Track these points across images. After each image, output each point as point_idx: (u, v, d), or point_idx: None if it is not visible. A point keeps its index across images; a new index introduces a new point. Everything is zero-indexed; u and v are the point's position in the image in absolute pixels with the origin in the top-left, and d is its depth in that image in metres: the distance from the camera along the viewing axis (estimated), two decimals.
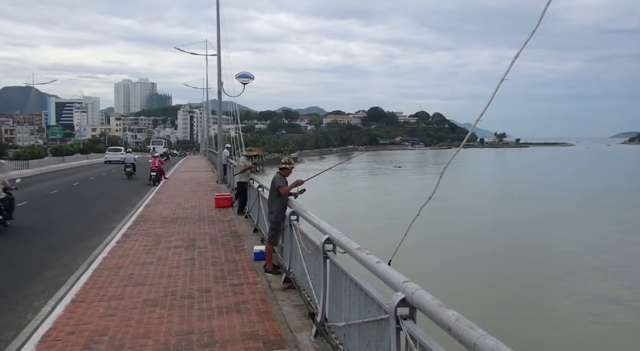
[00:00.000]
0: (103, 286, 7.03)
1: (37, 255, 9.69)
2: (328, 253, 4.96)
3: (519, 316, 14.21)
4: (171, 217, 13.58)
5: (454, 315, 2.50)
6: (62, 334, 5.31)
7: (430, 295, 2.81)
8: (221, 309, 6.05)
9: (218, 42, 24.21)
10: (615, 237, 25.17)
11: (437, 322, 2.59)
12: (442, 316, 2.55)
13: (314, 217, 5.98)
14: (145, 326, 5.51)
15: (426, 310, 2.74)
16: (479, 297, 15.03)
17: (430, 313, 2.68)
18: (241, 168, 13.46)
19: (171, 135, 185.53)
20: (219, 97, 24.94)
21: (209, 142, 59.54)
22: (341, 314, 4.54)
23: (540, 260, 20.55)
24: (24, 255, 9.75)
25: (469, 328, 2.33)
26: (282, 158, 7.72)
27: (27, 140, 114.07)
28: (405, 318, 3.02)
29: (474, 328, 2.32)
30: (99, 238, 10.77)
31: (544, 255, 21.35)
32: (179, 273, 7.70)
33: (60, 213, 15.91)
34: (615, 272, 18.99)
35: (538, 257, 20.92)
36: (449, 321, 2.47)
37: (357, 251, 4.11)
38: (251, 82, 23.96)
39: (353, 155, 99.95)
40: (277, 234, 7.54)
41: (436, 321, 2.60)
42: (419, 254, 18.26)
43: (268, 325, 5.52)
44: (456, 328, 2.39)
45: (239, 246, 9.66)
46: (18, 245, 10.74)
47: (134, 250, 9.38)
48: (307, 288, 6.04)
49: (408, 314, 3.03)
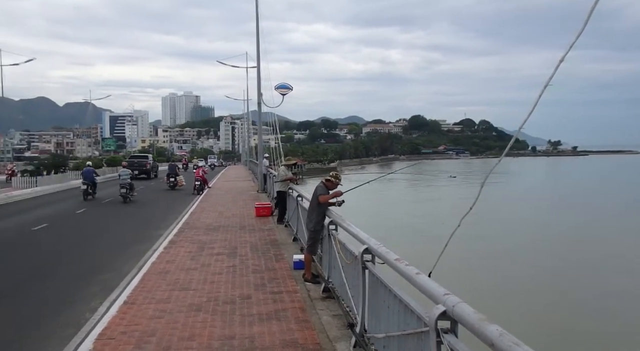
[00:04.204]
0: (152, 290, 7.35)
1: (93, 258, 10.26)
2: (367, 264, 4.96)
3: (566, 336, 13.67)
4: (214, 225, 13.95)
5: (498, 330, 2.43)
6: (115, 333, 5.62)
7: (472, 309, 2.76)
8: (261, 316, 6.19)
9: (257, 54, 24.77)
10: None
11: (480, 337, 2.52)
12: (484, 330, 2.49)
13: (352, 227, 6.01)
14: (190, 329, 5.73)
15: (468, 323, 2.69)
16: (523, 314, 14.57)
17: (472, 327, 2.63)
18: (282, 177, 13.67)
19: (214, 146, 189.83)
20: (258, 108, 25.46)
21: (249, 152, 60.69)
22: (380, 325, 4.52)
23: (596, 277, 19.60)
24: (83, 258, 10.36)
25: (513, 344, 2.27)
26: (332, 172, 7.80)
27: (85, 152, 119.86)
28: (446, 332, 2.98)
29: (518, 344, 2.26)
30: (148, 244, 11.23)
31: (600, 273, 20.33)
32: (221, 280, 7.94)
33: (114, 219, 16.78)
34: None
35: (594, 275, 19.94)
36: (492, 336, 2.40)
37: (396, 262, 4.10)
38: (290, 93, 24.38)
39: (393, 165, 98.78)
40: (316, 243, 7.64)
41: (478, 335, 2.54)
42: (461, 267, 17.90)
43: (307, 333, 5.61)
44: (500, 343, 2.33)
45: (278, 254, 9.83)
46: (77, 247, 11.38)
47: (180, 256, 9.73)
48: (346, 298, 6.07)
49: (449, 328, 2.98)
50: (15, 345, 5.63)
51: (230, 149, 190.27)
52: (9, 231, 14.29)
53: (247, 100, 56.21)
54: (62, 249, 11.49)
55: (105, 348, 5.21)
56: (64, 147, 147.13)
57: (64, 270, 9.37)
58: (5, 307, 7.09)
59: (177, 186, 27.98)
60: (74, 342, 5.41)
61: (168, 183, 27.97)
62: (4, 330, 6.11)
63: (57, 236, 13.42)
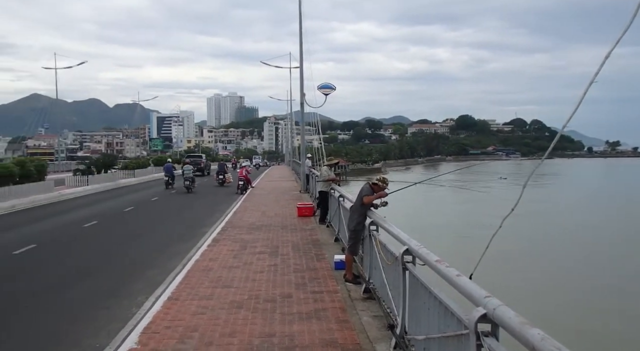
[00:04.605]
0: (195, 287, 7.54)
1: (140, 255, 10.65)
2: (407, 265, 4.92)
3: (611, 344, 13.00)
4: (256, 224, 14.15)
5: (539, 334, 2.39)
6: (160, 328, 5.80)
7: (513, 312, 2.72)
8: (301, 315, 6.22)
9: (300, 54, 24.98)
10: None
11: (521, 341, 2.49)
12: (526, 334, 2.45)
13: (393, 228, 5.96)
14: (231, 326, 5.84)
15: (509, 327, 2.65)
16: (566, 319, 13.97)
17: (512, 330, 2.59)
18: (324, 177, 13.68)
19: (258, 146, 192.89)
20: (301, 108, 25.65)
21: (292, 152, 61.31)
22: (420, 327, 4.49)
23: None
24: (130, 255, 10.75)
25: (555, 348, 2.23)
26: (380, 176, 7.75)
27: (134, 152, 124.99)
28: (486, 335, 2.93)
29: (561, 349, 2.22)
30: (192, 241, 11.54)
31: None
32: (262, 278, 8.04)
33: (160, 217, 17.34)
34: None
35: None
36: (534, 341, 2.37)
37: (436, 263, 4.06)
38: (333, 93, 24.45)
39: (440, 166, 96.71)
40: (357, 244, 7.61)
41: (519, 339, 2.51)
42: (503, 269, 17.38)
43: (347, 333, 5.59)
44: (541, 347, 2.30)
45: (319, 254, 9.86)
46: (125, 244, 11.83)
47: (223, 254, 9.92)
48: (386, 299, 6.02)
49: (490, 331, 2.94)
50: (66, 337, 5.91)
51: (273, 149, 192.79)
52: (61, 228, 15.00)
53: (291, 100, 56.87)
54: (110, 246, 11.96)
55: (150, 341, 5.39)
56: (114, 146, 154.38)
57: (112, 266, 9.76)
58: (57, 301, 7.44)
59: (225, 183, 30.15)
60: (121, 335, 5.63)
61: (217, 180, 30.69)
62: (56, 323, 6.43)
63: (107, 233, 13.99)
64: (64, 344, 5.67)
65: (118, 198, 23.93)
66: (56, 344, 5.69)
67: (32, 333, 6.06)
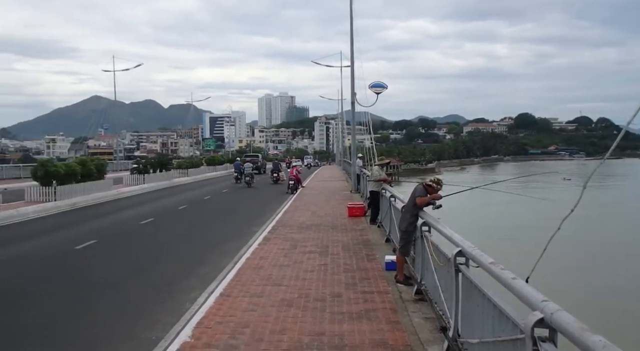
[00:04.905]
0: (246, 284, 7.69)
1: (193, 252, 10.96)
2: (460, 267, 4.81)
3: None
4: (307, 223, 14.25)
5: (601, 341, 2.28)
6: (212, 323, 5.96)
7: (573, 317, 2.60)
8: (351, 314, 6.20)
9: (351, 52, 24.86)
10: None
11: (580, 347, 2.39)
12: (586, 341, 2.35)
13: (446, 228, 5.84)
14: (281, 323, 5.90)
15: (567, 332, 2.55)
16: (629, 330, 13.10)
17: (572, 336, 2.49)
18: (375, 177, 13.58)
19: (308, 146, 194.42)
20: (352, 107, 25.53)
21: (343, 152, 61.32)
22: (474, 330, 4.38)
23: None
24: (183, 252, 11.09)
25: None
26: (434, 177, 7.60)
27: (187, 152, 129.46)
28: (544, 340, 2.84)
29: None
30: (243, 240, 11.78)
31: None
32: (312, 277, 8.07)
33: (212, 216, 17.84)
34: None
35: None
36: (595, 348, 2.27)
37: (491, 265, 3.95)
38: (385, 92, 24.18)
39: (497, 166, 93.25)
40: (408, 244, 7.50)
41: (579, 346, 2.41)
42: (561, 274, 16.56)
43: (398, 334, 5.52)
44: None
45: (370, 255, 9.79)
46: (179, 241, 12.26)
47: (273, 253, 10.06)
48: (438, 301, 5.91)
49: (547, 336, 2.83)
50: (125, 329, 6.17)
51: (324, 149, 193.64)
52: (120, 224, 15.72)
53: (341, 99, 56.81)
54: (164, 242, 12.39)
55: (203, 336, 5.54)
56: (168, 146, 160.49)
57: (166, 262, 10.11)
58: (115, 294, 7.79)
59: (279, 181, 32.28)
60: (175, 329, 5.82)
61: (272, 178, 33.20)
62: (114, 315, 6.73)
63: (161, 230, 14.51)
64: (123, 336, 5.93)
65: (172, 197, 24.80)
66: (115, 336, 5.96)
67: (92, 324, 6.37)
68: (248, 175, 30.72)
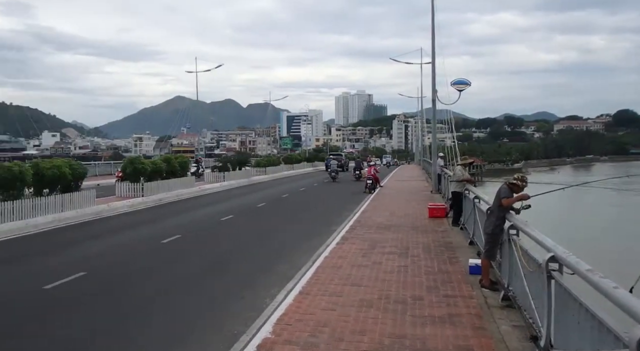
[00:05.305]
0: (324, 283, 7.73)
1: (271, 250, 11.22)
2: (553, 273, 4.50)
3: None
4: (385, 224, 14.08)
5: None
6: (292, 320, 6.06)
7: None
8: (434, 318, 6.03)
9: (433, 49, 24.25)
10: None
11: None
12: None
13: (536, 232, 5.52)
14: (361, 324, 5.86)
15: None
16: None
17: None
18: (458, 177, 13.14)
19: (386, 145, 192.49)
20: (433, 105, 24.93)
21: (423, 151, 60.04)
22: (568, 342, 4.10)
23: None
24: (262, 249, 11.38)
25: None
26: (518, 174, 7.25)
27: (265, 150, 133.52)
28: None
29: None
30: (321, 238, 11.86)
31: None
32: (392, 278, 7.95)
33: (290, 214, 18.15)
34: None
35: None
36: None
37: (588, 273, 3.67)
38: (467, 89, 23.37)
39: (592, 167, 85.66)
40: (494, 248, 7.16)
41: None
42: None
43: (483, 341, 5.29)
44: None
45: (452, 257, 9.47)
46: (258, 238, 12.65)
47: (351, 253, 10.04)
48: (528, 309, 5.59)
49: None
50: (208, 323, 6.42)
51: (402, 148, 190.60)
52: (202, 221, 16.42)
53: (421, 97, 55.74)
54: (243, 239, 12.77)
55: (284, 332, 5.64)
56: (247, 145, 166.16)
57: (246, 259, 10.40)
58: (198, 288, 8.13)
59: (361, 178, 32.48)
60: (256, 324, 5.97)
61: (354, 175, 34.99)
62: (198, 309, 7.03)
63: (241, 227, 14.91)
64: (207, 329, 6.17)
65: (251, 194, 25.51)
66: (200, 328, 6.22)
67: (178, 317, 6.69)
68: (334, 170, 34.75)
